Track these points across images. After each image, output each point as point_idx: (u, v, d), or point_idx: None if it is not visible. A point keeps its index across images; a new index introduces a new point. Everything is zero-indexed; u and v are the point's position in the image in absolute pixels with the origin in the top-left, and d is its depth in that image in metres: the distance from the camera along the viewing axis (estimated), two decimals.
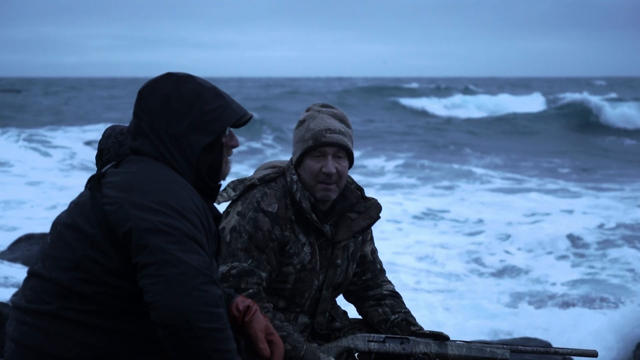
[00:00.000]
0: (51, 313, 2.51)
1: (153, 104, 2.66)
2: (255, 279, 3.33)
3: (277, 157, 24.23)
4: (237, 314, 2.76)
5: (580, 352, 3.52)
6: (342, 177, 3.43)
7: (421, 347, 3.41)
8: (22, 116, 37.23)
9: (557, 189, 17.89)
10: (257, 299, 3.32)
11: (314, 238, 3.46)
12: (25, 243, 9.99)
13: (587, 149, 27.77)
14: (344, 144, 3.41)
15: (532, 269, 10.67)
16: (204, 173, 2.69)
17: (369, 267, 3.67)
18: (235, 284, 3.31)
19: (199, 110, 2.66)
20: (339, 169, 3.41)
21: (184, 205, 2.51)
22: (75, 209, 2.61)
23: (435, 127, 34.98)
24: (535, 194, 17.00)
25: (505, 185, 18.61)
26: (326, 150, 3.40)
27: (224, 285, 3.29)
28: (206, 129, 2.67)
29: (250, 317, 2.75)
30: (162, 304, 2.38)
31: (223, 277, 3.32)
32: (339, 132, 3.41)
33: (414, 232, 12.79)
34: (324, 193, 3.42)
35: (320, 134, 3.40)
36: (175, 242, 2.44)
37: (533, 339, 7.11)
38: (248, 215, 3.37)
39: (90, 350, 2.49)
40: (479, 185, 18.54)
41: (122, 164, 2.66)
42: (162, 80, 2.70)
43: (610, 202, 15.55)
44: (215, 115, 2.68)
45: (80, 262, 2.51)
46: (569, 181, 19.49)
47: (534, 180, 19.41)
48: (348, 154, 3.44)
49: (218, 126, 2.68)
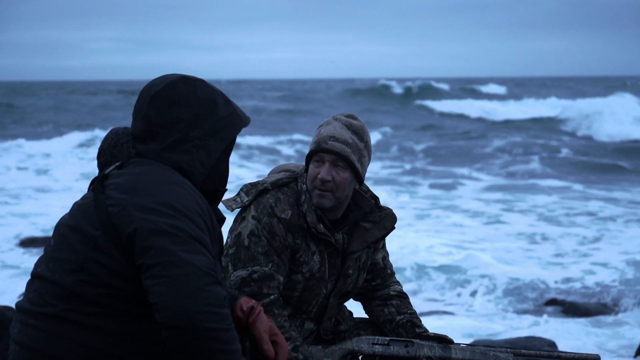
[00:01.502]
0: (55, 315, 2.50)
1: (170, 108, 2.63)
2: (276, 283, 3.33)
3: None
4: (242, 315, 2.75)
5: (582, 357, 3.52)
6: (339, 187, 3.38)
7: (425, 350, 3.41)
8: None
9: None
10: (277, 306, 3.32)
11: (323, 247, 3.45)
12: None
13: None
14: (343, 154, 3.37)
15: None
16: (215, 178, 2.70)
17: (380, 273, 3.67)
18: (257, 289, 3.30)
19: (215, 115, 2.66)
20: (336, 178, 3.37)
21: (188, 206, 2.51)
22: (78, 210, 2.60)
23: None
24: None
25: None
26: (324, 157, 3.39)
27: (244, 289, 3.29)
28: (219, 136, 2.67)
29: (254, 317, 2.74)
30: (167, 304, 2.38)
31: (243, 281, 3.31)
32: (344, 141, 3.38)
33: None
34: (318, 200, 3.39)
35: (323, 140, 3.39)
36: (180, 243, 2.43)
37: (537, 338, 7.10)
38: (263, 220, 3.36)
39: (93, 352, 2.48)
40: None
41: (125, 166, 2.64)
42: (179, 83, 2.66)
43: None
44: (227, 122, 2.68)
45: (84, 264, 2.50)
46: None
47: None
48: (351, 166, 3.40)
49: (230, 133, 2.69)
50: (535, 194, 17.06)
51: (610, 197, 16.62)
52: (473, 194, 17.61)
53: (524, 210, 14.98)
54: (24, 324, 2.55)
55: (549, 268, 10.50)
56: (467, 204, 15.79)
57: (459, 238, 12.33)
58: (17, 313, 2.60)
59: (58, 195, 16.56)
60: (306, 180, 3.44)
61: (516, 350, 3.43)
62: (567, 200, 16.15)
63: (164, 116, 2.63)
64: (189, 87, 2.66)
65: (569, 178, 19.96)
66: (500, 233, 12.90)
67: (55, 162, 22.37)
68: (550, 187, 18.39)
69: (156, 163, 2.62)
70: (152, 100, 2.65)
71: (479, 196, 17.12)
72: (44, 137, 28.77)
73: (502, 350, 3.42)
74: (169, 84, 2.66)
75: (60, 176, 19.94)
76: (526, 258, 11.08)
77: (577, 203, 15.68)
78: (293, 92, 61.55)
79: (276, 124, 36.78)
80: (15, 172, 20.85)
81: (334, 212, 3.45)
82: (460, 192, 17.84)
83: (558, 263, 10.79)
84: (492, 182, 19.79)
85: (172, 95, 2.64)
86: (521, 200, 16.15)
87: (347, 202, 3.47)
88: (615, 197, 16.64)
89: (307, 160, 3.46)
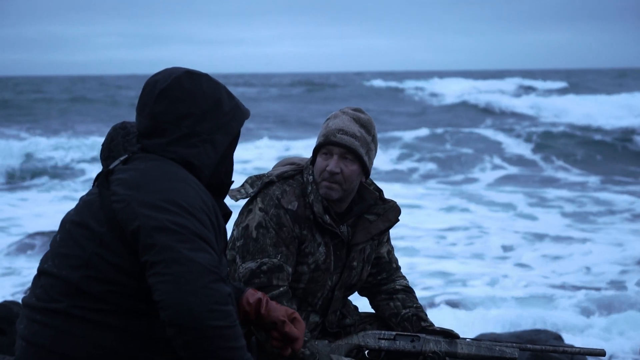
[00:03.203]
0: (61, 311, 2.51)
1: (178, 103, 2.63)
2: (285, 274, 3.34)
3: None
4: (249, 309, 2.75)
5: (588, 351, 3.52)
6: (347, 179, 3.41)
7: (431, 345, 3.41)
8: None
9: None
10: (286, 298, 3.33)
11: (328, 238, 3.46)
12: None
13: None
14: (352, 147, 3.39)
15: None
16: (222, 172, 2.70)
17: (385, 267, 3.67)
18: (266, 280, 3.31)
19: (220, 110, 2.66)
20: (345, 170, 3.39)
21: (193, 203, 2.51)
22: (84, 206, 2.60)
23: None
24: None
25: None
26: (333, 150, 3.41)
27: (253, 281, 3.30)
28: (225, 130, 2.67)
29: (265, 309, 2.74)
30: (171, 302, 2.38)
31: (253, 273, 3.31)
32: (352, 135, 3.40)
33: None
34: (326, 191, 3.41)
35: (332, 133, 3.40)
36: (183, 241, 2.43)
37: (543, 331, 7.10)
38: (271, 212, 3.37)
39: (99, 348, 2.49)
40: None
41: (130, 161, 2.64)
42: (185, 78, 2.65)
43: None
44: (231, 116, 2.68)
45: (90, 261, 2.50)
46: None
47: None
48: (359, 159, 3.43)
49: (234, 127, 2.69)
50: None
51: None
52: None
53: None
54: (31, 319, 2.56)
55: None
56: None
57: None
58: (24, 309, 2.61)
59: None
60: (312, 171, 3.45)
61: (522, 345, 3.43)
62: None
63: (171, 112, 2.62)
64: (194, 83, 2.65)
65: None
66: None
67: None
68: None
69: (162, 159, 2.61)
70: (158, 96, 2.63)
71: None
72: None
73: (508, 345, 3.42)
74: (175, 80, 2.64)
75: None
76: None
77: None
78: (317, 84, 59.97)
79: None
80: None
81: (339, 204, 3.46)
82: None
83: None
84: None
85: (178, 91, 2.63)
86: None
87: (352, 194, 3.48)
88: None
89: (315, 153, 3.47)
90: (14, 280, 9.72)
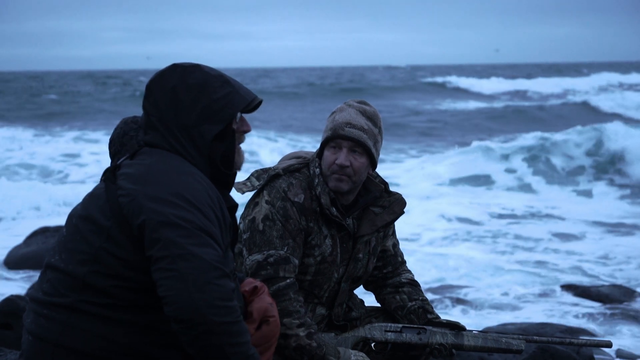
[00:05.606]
0: (68, 306, 2.51)
1: (161, 97, 2.66)
2: (291, 266, 3.34)
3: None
4: (246, 295, 2.79)
5: (595, 343, 3.52)
6: (357, 172, 3.42)
7: (438, 337, 3.42)
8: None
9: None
10: (293, 290, 3.33)
11: (335, 231, 3.47)
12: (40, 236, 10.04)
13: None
14: (361, 140, 3.40)
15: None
16: (218, 162, 2.68)
17: (390, 260, 3.68)
18: (273, 272, 3.31)
19: (207, 99, 2.65)
20: (354, 163, 3.41)
21: (198, 197, 2.51)
22: (90, 201, 2.61)
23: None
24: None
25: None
26: (342, 143, 3.42)
27: (260, 273, 3.30)
28: (215, 118, 2.66)
29: (257, 297, 2.77)
30: (175, 298, 2.39)
31: (259, 265, 3.32)
32: (360, 128, 3.41)
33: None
34: (335, 184, 3.42)
35: (340, 127, 3.41)
36: (188, 236, 2.43)
37: (550, 324, 7.10)
38: (277, 204, 3.37)
39: (106, 342, 2.50)
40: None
41: (136, 156, 2.65)
42: (168, 72, 2.69)
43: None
44: (224, 103, 2.67)
45: (97, 255, 2.51)
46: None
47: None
48: (367, 152, 3.44)
49: (227, 114, 2.67)
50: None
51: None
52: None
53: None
54: (37, 314, 2.56)
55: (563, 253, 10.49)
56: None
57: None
58: (30, 303, 2.61)
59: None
60: (319, 164, 3.46)
61: (528, 337, 3.44)
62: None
63: (155, 106, 2.66)
64: (177, 75, 2.67)
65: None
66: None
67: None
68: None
69: (166, 153, 2.62)
70: (145, 91, 2.70)
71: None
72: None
73: (515, 337, 3.42)
74: (158, 75, 2.70)
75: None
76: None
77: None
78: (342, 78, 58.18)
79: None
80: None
81: (346, 196, 3.48)
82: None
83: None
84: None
85: (162, 85, 2.67)
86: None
87: (359, 187, 3.50)
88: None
89: (322, 146, 3.48)
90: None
